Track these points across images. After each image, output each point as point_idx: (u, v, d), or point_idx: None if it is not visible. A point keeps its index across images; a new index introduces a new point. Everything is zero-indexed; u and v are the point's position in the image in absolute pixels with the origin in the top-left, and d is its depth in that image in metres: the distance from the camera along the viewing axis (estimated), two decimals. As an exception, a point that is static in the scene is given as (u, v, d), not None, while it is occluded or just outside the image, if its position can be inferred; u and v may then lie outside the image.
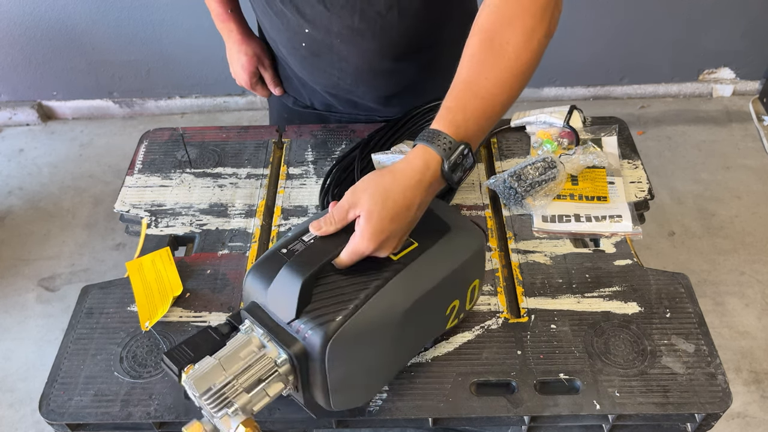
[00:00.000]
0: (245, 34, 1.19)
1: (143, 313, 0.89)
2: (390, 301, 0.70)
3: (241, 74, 1.21)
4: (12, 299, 2.04)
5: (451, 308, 0.80)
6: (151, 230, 1.02)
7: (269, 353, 0.68)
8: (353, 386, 0.74)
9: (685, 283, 0.92)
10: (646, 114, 2.62)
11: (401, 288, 0.71)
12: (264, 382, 0.68)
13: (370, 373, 0.75)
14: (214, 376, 0.66)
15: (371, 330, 0.69)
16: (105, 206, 2.31)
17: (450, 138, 0.70)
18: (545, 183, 1.00)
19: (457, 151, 0.70)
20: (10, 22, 2.38)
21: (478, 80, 0.73)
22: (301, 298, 0.66)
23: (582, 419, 0.80)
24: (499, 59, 0.73)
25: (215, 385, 0.65)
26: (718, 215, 2.20)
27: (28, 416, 1.76)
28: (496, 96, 0.73)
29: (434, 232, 0.76)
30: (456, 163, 0.70)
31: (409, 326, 0.73)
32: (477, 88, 0.73)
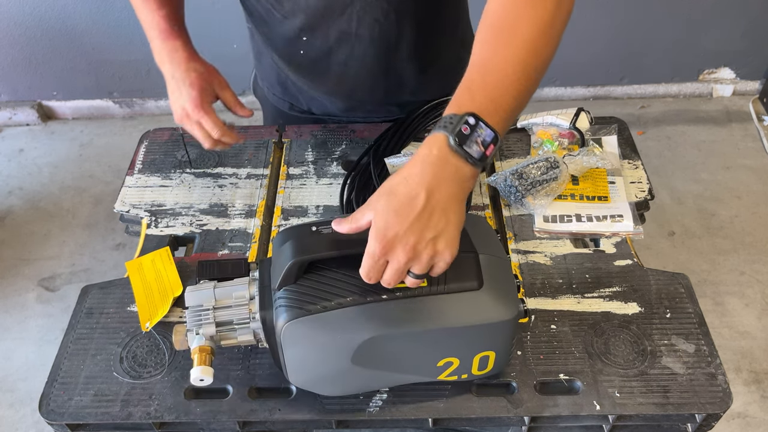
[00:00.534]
0: (192, 51, 0.98)
1: (143, 313, 0.89)
2: (357, 322, 0.69)
3: (186, 96, 0.93)
4: (12, 299, 2.04)
5: (445, 363, 0.75)
6: (151, 230, 1.02)
7: (251, 306, 0.75)
8: (310, 374, 0.76)
9: (685, 283, 0.92)
10: (646, 114, 2.62)
11: (376, 316, 0.69)
12: (237, 326, 0.76)
13: (327, 375, 0.75)
14: (202, 298, 0.76)
15: (329, 336, 0.70)
16: (105, 206, 2.31)
17: (452, 114, 0.66)
18: (547, 183, 1.00)
19: (461, 121, 0.64)
20: (10, 22, 2.38)
21: (490, 61, 0.70)
22: (287, 275, 0.70)
23: (582, 420, 0.80)
24: (513, 38, 0.70)
25: (197, 306, 0.76)
26: (718, 215, 2.20)
27: (28, 416, 1.76)
28: (507, 70, 0.69)
29: (459, 280, 0.70)
30: (463, 134, 0.64)
31: (376, 353, 0.72)
32: (488, 68, 0.70)
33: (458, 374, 0.77)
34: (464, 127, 0.64)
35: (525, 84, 0.69)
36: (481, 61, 0.71)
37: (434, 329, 0.70)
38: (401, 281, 0.66)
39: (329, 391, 0.79)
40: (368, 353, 0.71)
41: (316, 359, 0.73)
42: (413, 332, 0.70)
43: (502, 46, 0.70)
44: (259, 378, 0.82)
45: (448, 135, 0.64)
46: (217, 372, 0.83)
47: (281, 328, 0.69)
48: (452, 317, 0.70)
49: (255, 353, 0.85)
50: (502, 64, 0.69)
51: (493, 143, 0.65)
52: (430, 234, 0.63)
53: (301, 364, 0.74)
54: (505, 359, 0.79)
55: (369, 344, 0.70)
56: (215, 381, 0.82)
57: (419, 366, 0.75)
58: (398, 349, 0.72)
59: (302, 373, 0.76)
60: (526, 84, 0.69)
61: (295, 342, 0.71)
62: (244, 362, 0.84)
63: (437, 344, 0.73)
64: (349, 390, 0.80)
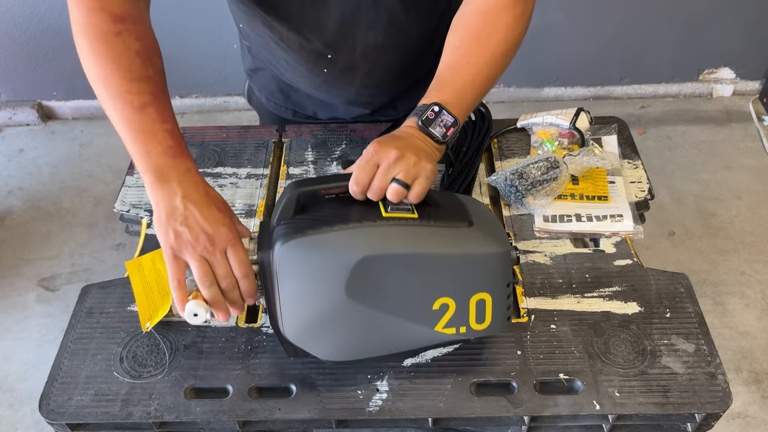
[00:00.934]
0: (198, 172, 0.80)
1: (143, 312, 0.89)
2: (352, 242, 0.71)
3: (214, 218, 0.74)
4: (12, 299, 2.04)
5: (441, 306, 0.75)
6: (151, 230, 1.02)
7: (251, 246, 0.76)
8: (304, 318, 0.74)
9: (685, 283, 0.92)
10: (646, 114, 2.62)
11: (370, 237, 0.72)
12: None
13: (323, 317, 0.74)
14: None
15: (323, 258, 0.71)
16: (105, 206, 2.31)
17: (422, 105, 0.83)
18: (547, 183, 1.00)
19: (428, 109, 0.81)
20: (10, 22, 2.38)
21: (460, 64, 0.85)
22: (286, 207, 0.73)
23: (582, 419, 0.80)
24: (481, 49, 0.86)
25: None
26: (718, 215, 2.20)
27: (28, 416, 1.76)
28: (473, 74, 0.85)
29: (450, 219, 0.75)
30: (429, 119, 0.81)
31: (371, 283, 0.72)
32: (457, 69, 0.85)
33: (456, 326, 0.76)
34: (430, 113, 0.81)
35: (486, 86, 0.86)
36: (452, 63, 0.86)
37: (427, 254, 0.73)
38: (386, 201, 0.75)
39: (325, 346, 0.76)
40: (363, 281, 0.71)
41: (310, 289, 0.73)
42: (406, 255, 0.72)
43: (473, 56, 0.86)
44: (259, 378, 0.82)
45: (417, 119, 0.81)
46: (217, 372, 0.83)
47: (277, 253, 0.71)
48: (444, 245, 0.73)
49: (255, 353, 0.85)
50: (470, 68, 0.85)
51: (453, 126, 0.82)
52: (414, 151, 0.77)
53: (296, 303, 0.73)
54: (503, 311, 0.77)
55: (363, 267, 0.70)
56: (215, 381, 0.82)
57: (415, 307, 0.75)
58: (392, 280, 0.72)
59: (297, 317, 0.74)
60: (487, 86, 0.86)
61: (291, 267, 0.72)
62: (244, 362, 0.84)
63: (431, 277, 0.73)
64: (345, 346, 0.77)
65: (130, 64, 0.77)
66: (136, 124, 0.76)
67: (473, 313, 0.75)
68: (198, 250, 0.72)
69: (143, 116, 0.76)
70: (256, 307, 0.91)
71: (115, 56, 0.77)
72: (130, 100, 0.76)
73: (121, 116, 0.77)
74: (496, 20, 0.86)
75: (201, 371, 0.83)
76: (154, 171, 0.75)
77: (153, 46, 0.81)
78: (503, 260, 0.75)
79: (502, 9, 0.86)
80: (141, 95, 0.76)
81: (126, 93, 0.76)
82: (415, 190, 0.75)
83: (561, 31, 2.41)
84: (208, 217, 0.73)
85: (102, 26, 0.77)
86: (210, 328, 0.88)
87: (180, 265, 0.74)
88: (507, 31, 0.86)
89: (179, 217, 0.73)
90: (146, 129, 0.76)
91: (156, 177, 0.75)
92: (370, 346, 0.78)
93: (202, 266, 0.73)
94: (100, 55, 0.77)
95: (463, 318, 0.76)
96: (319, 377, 0.82)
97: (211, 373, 0.83)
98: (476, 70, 0.85)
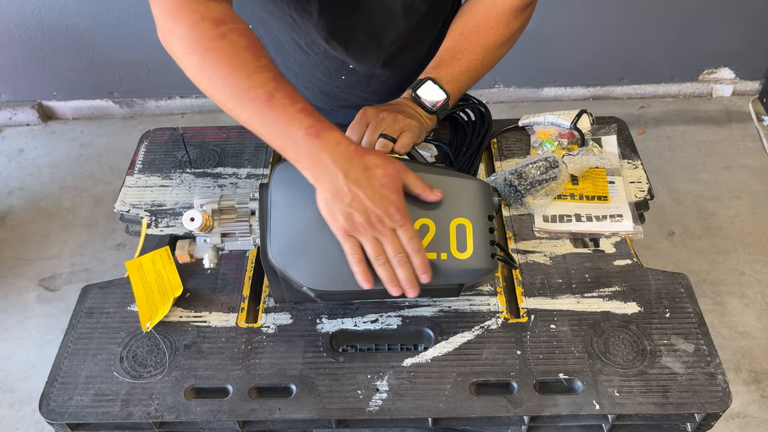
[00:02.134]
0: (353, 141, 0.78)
1: (143, 312, 0.89)
2: None
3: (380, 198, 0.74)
4: (12, 299, 2.04)
5: (422, 226, 0.78)
6: (151, 230, 1.02)
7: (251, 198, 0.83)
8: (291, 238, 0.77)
9: (684, 283, 0.92)
10: (646, 114, 2.62)
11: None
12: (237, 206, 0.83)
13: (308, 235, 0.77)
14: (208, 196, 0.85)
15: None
16: (105, 206, 2.31)
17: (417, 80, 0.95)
18: (546, 183, 1.00)
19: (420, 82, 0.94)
20: (10, 22, 2.38)
21: (459, 50, 0.94)
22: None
23: (582, 419, 0.80)
24: (481, 38, 0.94)
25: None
26: (718, 215, 2.20)
27: (28, 416, 1.76)
28: (470, 60, 0.94)
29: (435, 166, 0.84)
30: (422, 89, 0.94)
31: None
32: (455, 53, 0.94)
33: (437, 251, 0.78)
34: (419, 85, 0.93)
35: (481, 73, 0.95)
36: (453, 48, 0.95)
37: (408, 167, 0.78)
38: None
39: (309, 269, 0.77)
40: None
41: (298, 207, 0.77)
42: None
43: (473, 44, 0.94)
44: (259, 377, 0.82)
45: (411, 90, 0.94)
46: (217, 372, 0.83)
47: (274, 174, 0.79)
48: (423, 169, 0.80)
49: (255, 353, 0.85)
50: (468, 54, 0.94)
51: (444, 101, 0.93)
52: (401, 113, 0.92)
53: (285, 221, 0.78)
54: (485, 247, 0.79)
55: None
56: (215, 381, 0.82)
57: None
58: None
59: (284, 238, 0.77)
60: (482, 73, 0.95)
61: (282, 188, 0.79)
62: (244, 362, 0.84)
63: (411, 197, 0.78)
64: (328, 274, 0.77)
65: (243, 60, 0.76)
66: (270, 118, 0.75)
67: (453, 237, 0.78)
68: (370, 231, 0.74)
69: (273, 106, 0.75)
70: (256, 307, 0.91)
71: (226, 59, 0.76)
72: (255, 95, 0.75)
73: (254, 115, 0.76)
74: (499, 13, 0.93)
75: (201, 371, 0.83)
76: (308, 158, 0.74)
77: (255, 38, 0.80)
78: (481, 189, 0.81)
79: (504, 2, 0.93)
80: (264, 86, 0.75)
81: (248, 90, 0.75)
82: (401, 141, 0.88)
83: (561, 31, 2.41)
84: (373, 198, 0.73)
85: (206, 35, 0.76)
86: (210, 328, 0.88)
87: (354, 243, 0.75)
88: (508, 25, 0.94)
89: (346, 199, 0.73)
90: (281, 117, 0.75)
91: (312, 164, 0.74)
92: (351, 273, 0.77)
93: (376, 246, 0.74)
94: (213, 62, 0.76)
95: (444, 242, 0.78)
96: (319, 377, 0.82)
97: (211, 373, 0.83)
98: (473, 57, 0.94)
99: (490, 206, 0.82)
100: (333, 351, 0.85)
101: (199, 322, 0.89)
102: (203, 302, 0.91)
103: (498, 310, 0.89)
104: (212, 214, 0.82)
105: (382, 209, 0.73)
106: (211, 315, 0.90)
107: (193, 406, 0.80)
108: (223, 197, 0.84)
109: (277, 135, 0.75)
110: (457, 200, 0.79)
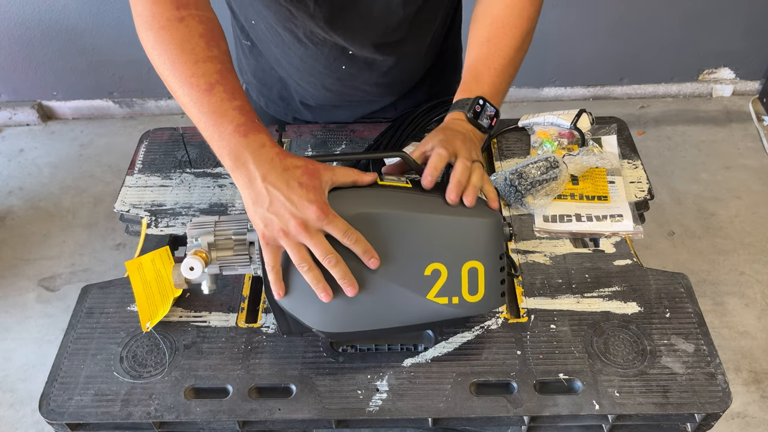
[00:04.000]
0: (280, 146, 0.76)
1: (143, 312, 0.89)
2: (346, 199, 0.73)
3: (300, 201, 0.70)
4: (12, 299, 2.04)
5: (433, 272, 0.75)
6: (151, 230, 1.02)
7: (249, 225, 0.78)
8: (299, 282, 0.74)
9: (684, 283, 0.92)
10: (646, 114, 2.62)
11: (364, 196, 0.74)
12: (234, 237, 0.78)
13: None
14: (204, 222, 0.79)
15: None
16: (105, 206, 2.31)
17: (466, 98, 0.90)
18: (546, 183, 1.00)
19: (475, 103, 0.89)
20: (10, 22, 2.38)
21: (492, 58, 0.92)
22: None
23: (581, 419, 0.80)
24: (510, 41, 0.93)
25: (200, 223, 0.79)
26: (718, 215, 2.20)
27: (28, 416, 1.76)
28: (503, 64, 0.92)
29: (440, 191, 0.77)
30: (477, 111, 0.89)
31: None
32: (490, 62, 0.92)
33: (448, 295, 0.76)
34: (477, 106, 0.89)
35: (513, 73, 0.94)
36: (483, 56, 0.93)
37: (418, 216, 0.75)
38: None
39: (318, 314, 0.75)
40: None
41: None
42: (398, 216, 0.74)
43: (501, 47, 0.93)
44: (259, 377, 0.82)
45: (465, 112, 0.88)
46: (217, 372, 0.83)
47: None
48: (436, 210, 0.76)
49: (255, 353, 0.85)
50: (500, 60, 0.92)
51: (496, 117, 0.90)
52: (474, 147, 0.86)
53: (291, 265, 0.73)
54: (496, 287, 0.77)
55: (356, 225, 0.71)
56: (215, 381, 0.82)
57: (407, 271, 0.74)
58: (384, 240, 0.73)
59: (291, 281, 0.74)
60: (514, 73, 0.95)
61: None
62: (244, 362, 0.84)
63: (422, 240, 0.74)
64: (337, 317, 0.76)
65: (194, 47, 0.76)
66: (205, 107, 0.74)
67: (465, 282, 0.76)
68: (291, 236, 0.70)
69: (212, 97, 0.74)
70: (256, 307, 0.91)
71: (179, 42, 0.76)
72: (196, 83, 0.75)
73: (191, 101, 0.75)
74: (522, 12, 0.93)
75: (201, 371, 0.83)
76: (229, 155, 0.73)
77: (216, 29, 0.80)
78: (494, 228, 0.77)
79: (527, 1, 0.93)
80: (207, 76, 0.75)
81: (191, 76, 0.75)
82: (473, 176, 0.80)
83: (561, 31, 2.41)
84: (292, 198, 0.70)
85: (165, 14, 0.77)
86: (210, 328, 0.88)
87: (273, 251, 0.72)
88: (529, 19, 0.94)
89: (264, 203, 0.70)
90: (216, 110, 0.74)
91: (233, 161, 0.73)
92: (362, 316, 0.76)
93: (299, 252, 0.71)
94: (165, 42, 0.76)
95: (456, 287, 0.76)
96: (319, 377, 0.82)
97: (211, 373, 0.83)
98: (505, 61, 0.92)
99: (501, 243, 0.78)
100: (333, 351, 0.85)
101: (199, 322, 0.89)
102: (203, 302, 0.91)
103: (498, 310, 0.89)
104: (208, 248, 0.78)
105: (301, 210, 0.69)
106: (211, 315, 0.90)
107: (193, 406, 0.80)
108: (218, 224, 0.79)
109: (208, 127, 0.74)
110: (470, 242, 0.76)
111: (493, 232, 0.77)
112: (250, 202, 0.72)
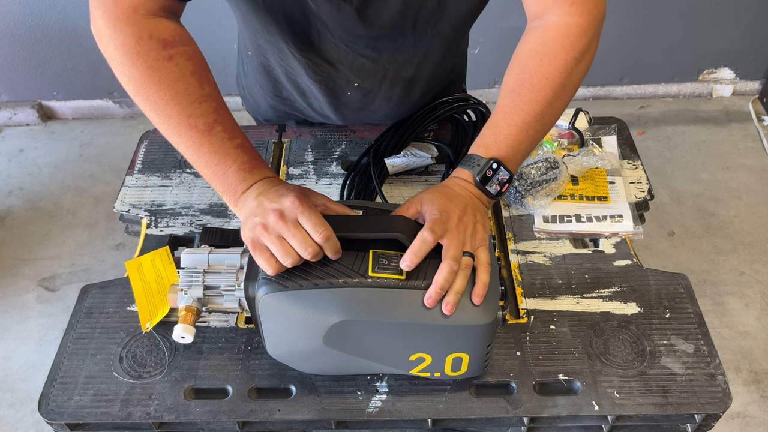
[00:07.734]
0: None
1: (143, 313, 0.89)
2: (330, 304, 0.70)
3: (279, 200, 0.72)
4: (12, 299, 2.04)
5: (417, 359, 0.75)
6: (150, 230, 1.02)
7: (239, 275, 0.79)
8: (286, 348, 0.77)
9: (684, 284, 0.92)
10: (646, 114, 2.62)
11: (349, 301, 0.70)
12: (224, 292, 0.80)
13: (302, 352, 0.76)
14: (196, 261, 0.80)
15: (302, 313, 0.71)
16: (105, 206, 2.31)
17: (478, 157, 0.79)
18: (546, 183, 1.00)
19: (487, 165, 0.78)
20: (10, 22, 2.38)
21: (514, 112, 0.80)
22: None
23: (581, 420, 0.80)
24: (536, 94, 0.79)
25: (191, 268, 0.80)
26: (718, 215, 2.20)
27: (28, 416, 1.76)
28: (530, 124, 0.79)
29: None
30: (486, 176, 0.78)
31: (347, 338, 0.73)
32: (512, 118, 0.80)
33: (431, 371, 0.77)
34: (488, 171, 0.78)
35: (540, 133, 0.81)
36: (508, 109, 0.80)
37: (404, 323, 0.71)
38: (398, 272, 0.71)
39: (305, 368, 0.80)
40: (339, 337, 0.72)
41: (290, 334, 0.74)
42: (383, 323, 0.71)
43: (528, 102, 0.79)
44: (259, 378, 0.82)
45: (474, 175, 0.78)
46: (217, 372, 0.83)
47: (259, 299, 0.72)
48: (423, 314, 0.70)
49: (255, 353, 0.85)
50: (523, 116, 0.79)
51: (509, 182, 0.80)
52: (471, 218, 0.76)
53: (278, 338, 0.76)
54: (480, 364, 0.77)
55: (340, 328, 0.71)
56: (215, 381, 0.82)
57: (391, 357, 0.76)
58: (369, 338, 0.73)
59: (279, 346, 0.78)
60: (541, 133, 0.82)
61: (272, 315, 0.73)
62: (244, 362, 0.84)
63: (408, 338, 0.73)
64: (324, 370, 0.81)
65: (187, 87, 0.75)
66: (206, 147, 0.75)
67: (449, 365, 0.77)
68: (270, 230, 0.70)
69: (212, 138, 0.75)
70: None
71: (171, 82, 0.74)
72: (194, 124, 0.75)
73: (190, 142, 0.75)
74: (554, 61, 0.79)
75: (201, 371, 0.83)
76: (234, 192, 0.76)
77: (203, 62, 0.79)
78: (487, 330, 0.73)
79: (560, 48, 0.79)
80: (204, 116, 0.75)
81: (189, 117, 0.74)
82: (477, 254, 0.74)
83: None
84: (273, 198, 0.71)
85: (152, 53, 0.74)
86: (210, 328, 0.88)
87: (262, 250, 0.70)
88: (565, 73, 0.79)
89: (253, 212, 0.72)
90: (218, 150, 0.75)
91: (238, 197, 0.76)
92: (347, 371, 0.82)
93: (281, 246, 0.69)
94: (155, 82, 0.74)
95: (439, 368, 0.77)
96: (319, 378, 0.82)
97: (211, 374, 0.83)
98: (530, 117, 0.79)
99: (492, 337, 0.75)
100: (333, 351, 0.85)
101: (199, 322, 0.89)
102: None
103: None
104: (198, 302, 0.80)
105: (279, 203, 0.70)
106: (210, 315, 0.90)
107: (193, 407, 0.80)
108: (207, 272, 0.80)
109: (210, 166, 0.76)
110: (456, 341, 0.73)
111: (483, 334, 0.73)
112: (243, 220, 0.74)
